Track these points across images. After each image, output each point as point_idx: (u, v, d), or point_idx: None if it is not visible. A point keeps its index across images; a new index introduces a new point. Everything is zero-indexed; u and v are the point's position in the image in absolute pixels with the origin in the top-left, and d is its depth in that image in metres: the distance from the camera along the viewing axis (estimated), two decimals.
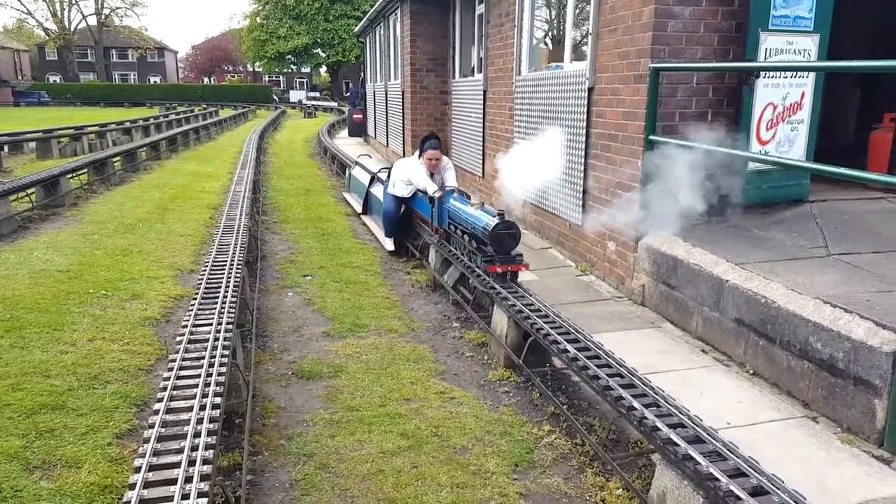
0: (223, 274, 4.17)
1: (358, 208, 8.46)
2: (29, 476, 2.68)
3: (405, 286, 5.56)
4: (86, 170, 10.20)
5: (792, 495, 2.06)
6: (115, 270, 5.57)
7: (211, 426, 2.41)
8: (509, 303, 3.82)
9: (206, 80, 71.18)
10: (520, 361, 3.64)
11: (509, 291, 4.00)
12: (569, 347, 3.17)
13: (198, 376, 2.78)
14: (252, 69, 68.54)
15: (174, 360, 2.94)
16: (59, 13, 58.02)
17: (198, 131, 20.15)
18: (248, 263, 5.12)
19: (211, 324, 3.34)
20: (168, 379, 2.77)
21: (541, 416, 3.33)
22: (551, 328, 3.41)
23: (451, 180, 5.89)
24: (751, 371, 3.65)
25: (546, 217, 6.63)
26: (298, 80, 70.06)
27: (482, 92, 8.60)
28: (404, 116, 12.01)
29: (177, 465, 2.18)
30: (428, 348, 4.19)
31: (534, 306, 3.76)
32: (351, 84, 51.08)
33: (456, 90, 10.53)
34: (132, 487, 2.07)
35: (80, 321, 4.36)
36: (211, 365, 2.89)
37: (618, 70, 4.97)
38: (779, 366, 3.44)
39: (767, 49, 4.43)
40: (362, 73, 20.64)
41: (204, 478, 2.13)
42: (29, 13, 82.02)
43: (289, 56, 50.22)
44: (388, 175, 6.59)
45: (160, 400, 2.60)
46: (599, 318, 4.49)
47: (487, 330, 4.19)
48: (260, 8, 48.89)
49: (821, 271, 3.76)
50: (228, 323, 3.37)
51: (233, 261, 4.48)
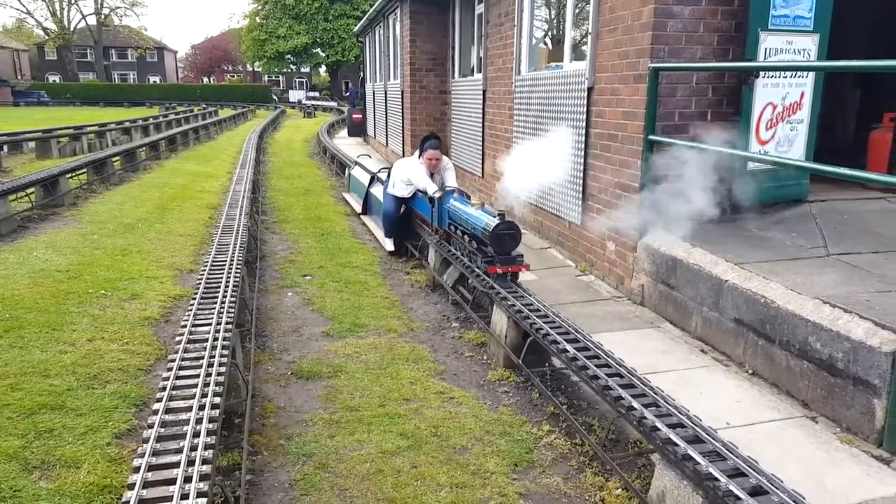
0: (222, 274, 4.17)
1: (358, 208, 8.45)
2: (28, 476, 2.68)
3: (404, 286, 5.56)
4: (85, 170, 10.20)
5: (791, 495, 2.06)
6: (115, 270, 5.57)
7: (210, 426, 2.41)
8: (509, 303, 3.81)
9: (206, 80, 71.17)
10: (519, 361, 3.64)
11: (508, 291, 4.00)
12: (568, 347, 3.17)
13: (197, 376, 2.78)
14: (251, 69, 68.54)
15: (173, 360, 2.94)
16: (59, 13, 58.08)
17: (197, 131, 20.13)
18: (248, 263, 5.12)
19: (210, 324, 3.34)
20: (167, 379, 2.77)
21: (540, 416, 3.33)
22: (550, 328, 3.41)
23: (452, 180, 5.88)
24: (750, 371, 3.65)
25: (545, 217, 6.63)
26: (298, 80, 70.08)
27: (482, 92, 8.60)
28: (404, 116, 12.00)
29: (176, 465, 2.18)
30: (427, 348, 4.19)
31: (533, 306, 3.76)
32: (350, 84, 51.10)
33: (455, 90, 10.53)
34: (131, 487, 2.07)
35: (80, 321, 4.36)
36: (210, 365, 2.89)
37: (617, 70, 4.97)
38: (778, 366, 3.44)
39: (767, 49, 4.43)
40: (362, 73, 20.64)
41: (203, 478, 2.13)
42: (28, 13, 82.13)
43: (288, 56, 50.21)
44: (388, 175, 6.58)
45: (159, 400, 2.60)
46: (599, 318, 4.49)
47: (487, 330, 4.19)
48: (259, 7, 48.87)
49: (820, 271, 3.76)
50: (228, 323, 3.37)
51: (232, 261, 4.47)
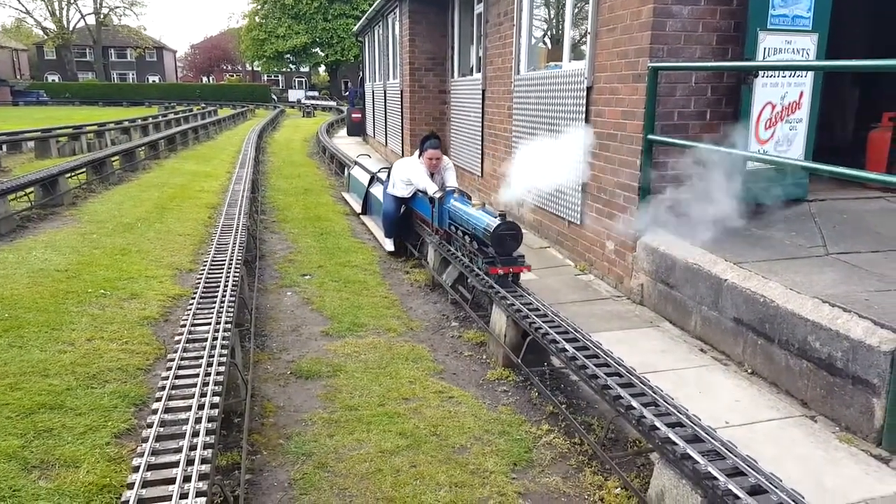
0: (222, 273, 4.17)
1: (357, 208, 8.44)
2: (27, 475, 2.68)
3: (404, 285, 5.56)
4: (84, 169, 10.19)
5: (790, 494, 2.07)
6: (114, 270, 5.57)
7: (209, 425, 2.41)
8: (508, 302, 3.81)
9: (205, 80, 71.13)
10: (518, 361, 3.64)
11: (508, 291, 4.00)
12: (567, 346, 3.17)
13: (196, 376, 2.78)
14: (251, 68, 68.54)
15: (173, 360, 2.93)
16: (58, 12, 58.03)
17: (196, 130, 20.12)
18: (247, 262, 5.12)
19: (209, 323, 3.34)
20: (167, 378, 2.77)
21: (539, 416, 3.33)
22: (550, 327, 3.41)
23: (452, 180, 5.87)
24: (749, 370, 3.66)
25: (545, 216, 6.63)
26: (297, 80, 70.03)
27: (481, 91, 8.60)
28: (403, 116, 12.00)
29: (175, 465, 2.18)
30: (427, 347, 4.19)
31: (532, 305, 3.76)
32: (350, 83, 51.06)
33: (455, 89, 10.53)
34: (130, 487, 2.07)
35: (79, 320, 4.36)
36: (209, 364, 2.89)
37: (616, 69, 4.97)
38: (777, 365, 3.45)
39: (766, 48, 4.43)
40: (361, 73, 20.62)
41: (202, 477, 2.12)
42: (27, 12, 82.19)
43: (287, 55, 50.20)
44: (388, 175, 6.57)
45: (159, 399, 2.59)
46: (598, 318, 4.49)
47: (486, 329, 4.19)
48: (259, 7, 48.86)
49: (819, 270, 3.76)
50: (227, 322, 3.37)
51: (231, 260, 4.47)
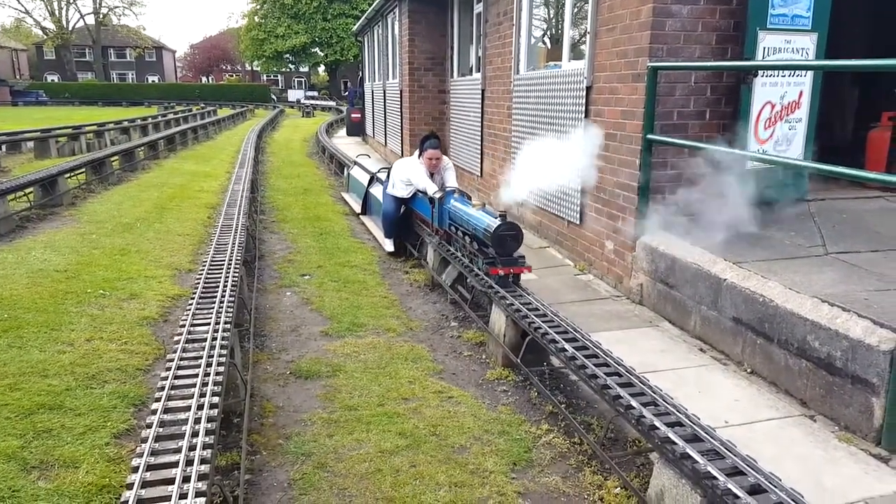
0: (221, 273, 4.17)
1: (357, 208, 8.44)
2: (27, 476, 2.68)
3: (403, 285, 5.56)
4: (84, 169, 10.19)
5: (790, 493, 2.07)
6: (113, 270, 5.57)
7: (209, 426, 2.41)
8: (507, 302, 3.81)
9: (205, 80, 71.12)
10: (518, 360, 3.63)
11: (507, 290, 3.99)
12: (567, 346, 3.17)
13: (196, 376, 2.78)
14: (250, 68, 68.48)
15: (172, 360, 2.93)
16: (57, 12, 58.02)
17: (196, 131, 20.11)
18: (246, 263, 5.12)
19: (209, 323, 3.33)
20: (166, 378, 2.76)
21: (539, 415, 3.33)
22: (549, 327, 3.41)
23: (452, 180, 5.86)
24: (749, 370, 3.66)
25: (544, 216, 6.63)
26: (297, 80, 70.02)
27: (480, 91, 8.60)
28: (402, 116, 12.00)
29: (175, 465, 2.17)
30: (426, 347, 4.19)
31: (532, 305, 3.76)
32: (349, 83, 51.08)
33: (454, 89, 10.52)
34: (130, 487, 2.07)
35: (78, 321, 4.36)
36: (209, 364, 2.89)
37: (616, 69, 4.97)
38: (777, 364, 3.45)
39: (765, 48, 4.43)
40: (360, 73, 20.61)
41: (202, 477, 2.12)
42: (27, 12, 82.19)
43: (287, 55, 50.17)
44: (388, 175, 6.57)
45: (158, 399, 2.59)
46: (597, 317, 4.49)
47: (485, 329, 4.19)
48: (258, 7, 48.84)
49: (819, 270, 3.76)
50: (226, 322, 3.36)
51: (231, 260, 4.47)
